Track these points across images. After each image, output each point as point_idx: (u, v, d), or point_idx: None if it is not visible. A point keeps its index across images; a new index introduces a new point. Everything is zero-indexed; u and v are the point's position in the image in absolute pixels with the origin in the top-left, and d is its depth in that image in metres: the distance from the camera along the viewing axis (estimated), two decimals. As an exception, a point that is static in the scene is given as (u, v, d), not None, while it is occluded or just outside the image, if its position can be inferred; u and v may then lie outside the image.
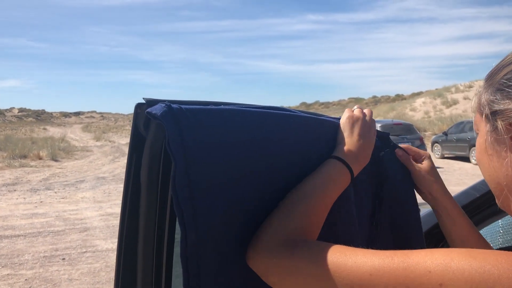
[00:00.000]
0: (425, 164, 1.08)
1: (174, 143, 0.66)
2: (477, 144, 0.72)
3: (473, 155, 17.02)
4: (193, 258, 0.70)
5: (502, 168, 0.65)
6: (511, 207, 0.67)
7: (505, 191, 0.66)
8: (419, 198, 1.15)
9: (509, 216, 1.70)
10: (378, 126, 16.50)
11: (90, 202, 10.07)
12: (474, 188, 1.62)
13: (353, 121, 0.93)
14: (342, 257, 0.62)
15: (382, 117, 37.53)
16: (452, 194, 1.43)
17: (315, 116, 0.94)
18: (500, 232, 1.85)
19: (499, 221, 1.76)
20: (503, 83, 0.64)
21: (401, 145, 1.11)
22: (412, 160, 1.09)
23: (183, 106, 0.69)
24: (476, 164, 16.56)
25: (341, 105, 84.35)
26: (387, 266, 0.57)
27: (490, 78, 0.68)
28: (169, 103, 0.67)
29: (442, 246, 1.52)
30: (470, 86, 40.48)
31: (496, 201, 0.71)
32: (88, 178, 14.01)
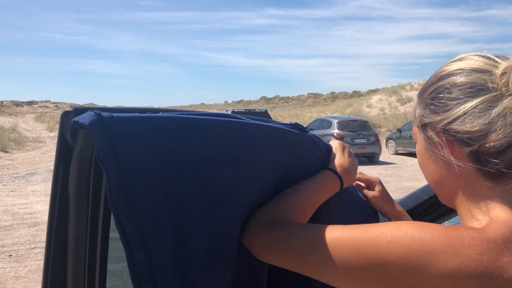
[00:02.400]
0: (377, 190, 1.22)
1: (104, 154, 0.61)
2: (417, 151, 0.85)
3: (425, 151, 17.62)
4: (147, 283, 0.66)
5: (438, 169, 0.79)
6: (452, 200, 0.80)
7: (443, 187, 0.80)
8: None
9: (454, 218, 1.75)
10: (335, 122, 16.88)
11: (42, 195, 9.69)
12: (422, 191, 1.65)
13: (343, 146, 1.13)
14: (318, 230, 0.75)
15: (339, 113, 38.23)
16: (404, 190, 1.50)
17: (263, 124, 0.92)
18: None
19: (445, 222, 1.80)
20: (429, 100, 0.78)
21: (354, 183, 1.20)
22: (365, 190, 1.23)
23: (114, 114, 0.64)
24: (428, 161, 17.14)
25: (300, 100, 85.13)
26: (350, 231, 0.71)
27: (421, 95, 0.82)
28: (99, 111, 0.62)
29: None
30: (424, 85, 41.77)
31: (438, 197, 0.85)
32: (40, 171, 13.50)
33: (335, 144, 1.13)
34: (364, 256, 0.68)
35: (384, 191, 1.23)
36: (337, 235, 0.72)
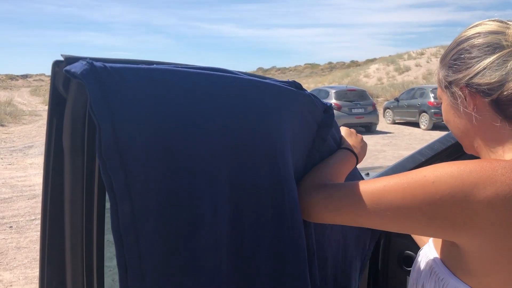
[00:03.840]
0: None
1: (97, 104, 0.60)
2: (442, 109, 0.97)
3: (423, 120, 17.62)
4: (129, 232, 0.65)
5: (462, 121, 0.90)
6: (474, 148, 0.92)
7: (467, 137, 0.91)
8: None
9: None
10: (332, 92, 16.79)
11: (39, 168, 9.69)
12: (420, 153, 1.65)
13: (352, 131, 1.28)
14: (365, 184, 0.85)
15: (337, 83, 37.94)
16: (401, 159, 1.54)
17: (259, 79, 0.90)
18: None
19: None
20: (452, 61, 0.90)
21: None
22: None
23: (107, 65, 0.62)
24: (425, 130, 17.18)
25: (297, 70, 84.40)
26: (395, 178, 0.82)
27: (443, 60, 0.93)
28: (91, 61, 0.61)
29: None
30: (422, 53, 41.40)
31: (463, 147, 0.97)
32: (37, 144, 13.46)
33: (344, 130, 1.26)
34: (412, 197, 0.77)
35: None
36: (384, 183, 0.82)
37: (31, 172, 9.26)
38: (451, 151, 1.53)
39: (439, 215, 0.76)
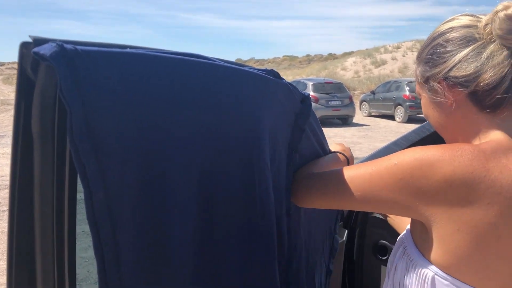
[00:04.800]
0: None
1: (67, 87, 0.58)
2: (422, 105, 1.01)
3: (398, 113, 17.86)
4: (105, 221, 0.64)
5: (442, 114, 0.94)
6: (455, 140, 0.94)
7: (447, 129, 0.95)
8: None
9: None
10: (310, 84, 16.87)
11: (11, 158, 9.45)
12: (395, 143, 1.67)
13: (342, 144, 1.38)
14: (339, 171, 0.94)
15: (315, 75, 38.07)
16: (377, 149, 1.58)
17: (236, 66, 0.88)
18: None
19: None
20: (428, 57, 0.93)
21: None
22: None
23: (78, 47, 0.60)
24: (400, 122, 17.42)
25: (276, 62, 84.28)
26: (364, 165, 0.91)
27: (419, 56, 0.97)
28: (61, 43, 0.58)
29: None
30: (398, 47, 41.85)
31: (445, 140, 1.00)
32: (10, 133, 13.11)
33: (335, 144, 1.38)
34: (379, 179, 0.85)
35: None
36: (360, 170, 0.90)
37: (2, 162, 9.03)
38: (426, 141, 1.55)
39: (402, 193, 0.82)
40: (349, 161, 1.29)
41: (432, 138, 1.53)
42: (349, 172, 0.92)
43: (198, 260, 0.81)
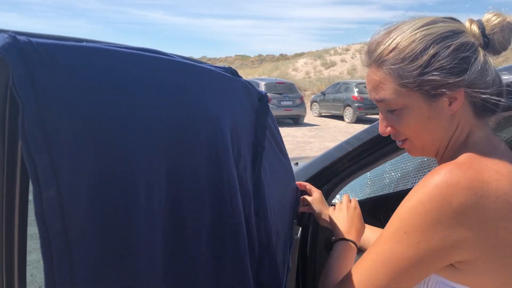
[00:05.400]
0: (316, 192, 1.51)
1: (20, 81, 0.55)
2: (406, 118, 0.91)
3: (347, 114, 18.30)
4: (55, 220, 0.61)
5: (435, 124, 0.89)
6: (440, 150, 0.92)
7: (443, 140, 0.91)
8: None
9: (376, 169, 1.84)
10: (262, 84, 16.97)
11: None
12: (347, 142, 1.70)
13: (349, 205, 1.31)
14: (358, 275, 0.87)
15: (267, 75, 38.33)
16: (327, 149, 1.61)
17: (195, 63, 0.88)
18: (368, 183, 2.00)
19: (368, 173, 1.89)
20: (440, 64, 0.84)
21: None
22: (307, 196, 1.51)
23: (32, 39, 0.57)
24: (349, 123, 17.87)
25: (228, 61, 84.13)
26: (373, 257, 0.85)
27: (412, 63, 0.86)
28: (14, 34, 0.56)
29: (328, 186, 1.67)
30: (347, 50, 42.87)
31: (428, 154, 0.96)
32: None
33: (344, 200, 1.32)
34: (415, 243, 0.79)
35: (320, 194, 1.51)
36: (368, 265, 0.85)
37: None
38: (376, 141, 1.59)
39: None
40: (357, 246, 1.20)
41: (382, 137, 1.57)
42: (363, 268, 0.86)
43: (168, 263, 0.79)
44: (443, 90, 0.83)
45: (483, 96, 0.83)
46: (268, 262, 1.09)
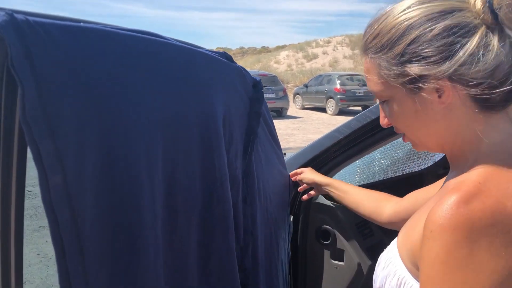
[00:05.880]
0: (306, 171, 1.58)
1: (19, 60, 0.53)
2: (395, 112, 0.81)
3: (330, 106, 18.40)
4: (63, 207, 0.59)
5: (427, 120, 0.77)
6: (442, 147, 0.81)
7: (440, 137, 0.79)
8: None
9: (365, 157, 1.85)
10: (245, 76, 16.95)
11: None
12: (337, 131, 1.71)
13: None
14: None
15: (249, 68, 38.25)
16: (310, 141, 1.63)
17: (192, 47, 0.86)
18: (358, 172, 2.01)
19: (357, 161, 1.90)
20: (416, 52, 0.73)
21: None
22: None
23: (30, 18, 0.55)
24: (331, 115, 17.97)
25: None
26: None
27: (387, 51, 0.76)
28: (11, 11, 0.54)
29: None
30: (329, 42, 43.03)
31: (429, 150, 0.85)
32: None
33: None
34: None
35: (311, 170, 1.59)
36: None
37: None
38: (367, 129, 1.60)
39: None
40: None
41: (372, 125, 1.58)
42: None
43: (164, 246, 0.78)
44: (422, 83, 0.73)
45: (472, 89, 0.70)
46: (252, 249, 1.09)
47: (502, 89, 0.70)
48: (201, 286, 0.88)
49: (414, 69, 0.72)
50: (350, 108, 18.54)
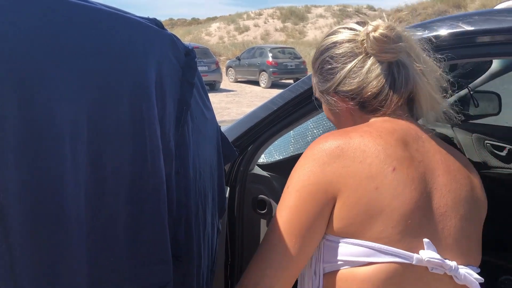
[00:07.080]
0: None
1: None
2: (324, 109, 1.13)
3: (262, 79, 18.51)
4: None
5: (340, 118, 1.06)
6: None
7: (343, 126, 1.01)
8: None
9: (299, 127, 1.88)
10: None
11: None
12: (272, 102, 1.72)
13: None
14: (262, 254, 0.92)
15: (179, 40, 37.35)
16: (254, 108, 1.60)
17: (121, 13, 0.82)
18: (292, 141, 2.05)
19: (291, 132, 1.93)
20: (318, 71, 1.04)
21: None
22: None
23: None
24: (264, 88, 18.10)
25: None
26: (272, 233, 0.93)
27: (313, 67, 1.07)
28: None
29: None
30: (260, 14, 43.02)
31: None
32: None
33: None
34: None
35: None
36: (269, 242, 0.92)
37: None
38: (300, 99, 1.62)
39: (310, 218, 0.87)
40: None
41: (305, 95, 1.61)
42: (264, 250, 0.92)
43: (91, 219, 0.75)
44: (325, 95, 1.03)
45: (351, 102, 0.97)
46: (185, 221, 1.08)
47: (375, 101, 0.95)
48: (131, 257, 0.86)
49: (316, 83, 1.06)
50: (283, 81, 18.76)
